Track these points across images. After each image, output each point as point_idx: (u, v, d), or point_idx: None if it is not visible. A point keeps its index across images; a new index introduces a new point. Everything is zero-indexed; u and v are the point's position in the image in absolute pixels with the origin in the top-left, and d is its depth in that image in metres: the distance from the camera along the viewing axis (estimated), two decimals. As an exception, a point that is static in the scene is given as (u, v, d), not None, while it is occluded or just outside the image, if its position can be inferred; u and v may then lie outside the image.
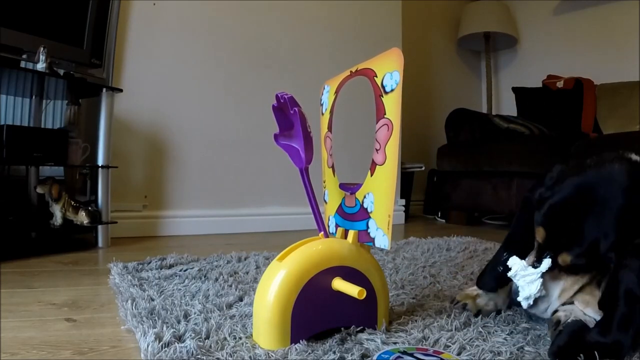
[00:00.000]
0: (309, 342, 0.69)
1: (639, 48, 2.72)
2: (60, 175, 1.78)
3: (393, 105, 0.72)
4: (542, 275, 0.75)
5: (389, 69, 0.74)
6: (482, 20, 3.28)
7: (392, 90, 0.73)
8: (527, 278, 0.75)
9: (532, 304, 0.76)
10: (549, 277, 0.76)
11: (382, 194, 0.74)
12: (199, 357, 0.64)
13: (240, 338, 0.72)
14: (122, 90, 1.71)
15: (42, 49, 1.46)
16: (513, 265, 0.77)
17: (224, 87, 2.16)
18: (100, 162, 1.65)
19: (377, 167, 0.75)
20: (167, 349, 0.65)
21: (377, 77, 0.76)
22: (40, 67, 1.45)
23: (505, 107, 3.48)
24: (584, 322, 0.70)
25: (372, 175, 0.76)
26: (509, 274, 0.77)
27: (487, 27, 3.27)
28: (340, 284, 0.71)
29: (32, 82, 1.54)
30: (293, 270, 0.70)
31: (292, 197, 2.24)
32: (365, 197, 0.78)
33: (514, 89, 3.12)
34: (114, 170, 1.72)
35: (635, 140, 1.95)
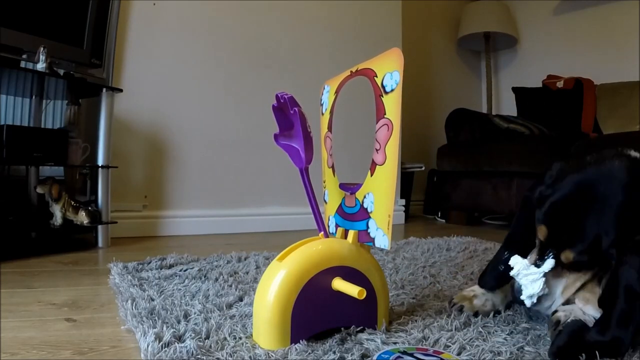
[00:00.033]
0: (309, 342, 0.69)
1: (639, 48, 2.72)
2: (60, 175, 1.78)
3: (393, 105, 0.72)
4: (544, 274, 0.75)
5: (389, 69, 0.74)
6: (482, 20, 3.28)
7: (392, 90, 0.73)
8: (529, 277, 0.75)
9: (535, 302, 0.76)
10: (552, 274, 0.76)
11: (382, 194, 0.74)
12: (199, 357, 0.64)
13: (240, 338, 0.72)
14: (122, 90, 1.71)
15: (42, 49, 1.46)
16: (515, 265, 0.77)
17: (224, 87, 2.16)
18: (100, 162, 1.65)
19: (377, 167, 0.75)
20: (167, 349, 0.65)
21: (377, 77, 0.76)
22: (40, 67, 1.45)
23: (505, 107, 3.48)
24: (584, 321, 0.70)
25: (372, 175, 0.76)
26: (512, 273, 0.77)
27: (487, 27, 3.27)
28: (340, 284, 0.71)
29: (32, 82, 1.54)
30: (293, 270, 0.70)
31: (292, 197, 2.24)
32: (365, 197, 0.78)
33: (514, 89, 3.12)
34: (114, 170, 1.72)
35: (635, 140, 1.95)
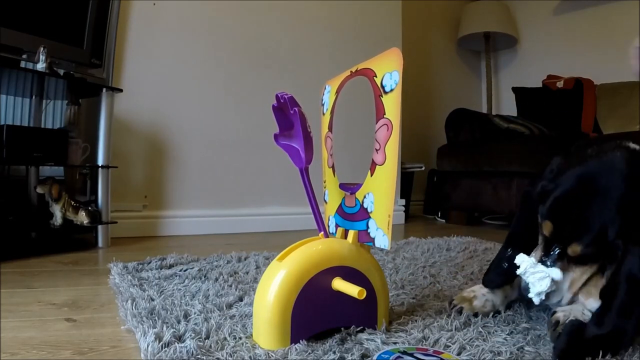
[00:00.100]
0: (309, 342, 0.69)
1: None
2: (60, 175, 1.78)
3: (393, 105, 0.72)
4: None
5: (389, 69, 0.74)
6: (482, 20, 3.28)
7: (391, 90, 0.73)
8: (537, 275, 0.75)
9: (544, 299, 0.76)
10: (558, 269, 0.76)
11: (382, 194, 0.74)
12: (199, 357, 0.64)
13: (240, 338, 0.72)
14: (122, 90, 1.71)
15: (42, 49, 1.46)
16: (522, 263, 0.77)
17: (224, 87, 2.16)
18: (100, 162, 1.65)
19: (377, 167, 0.75)
20: (167, 349, 0.65)
21: (376, 77, 0.76)
22: (40, 67, 1.45)
23: (505, 107, 3.48)
24: (582, 321, 0.70)
25: (372, 175, 0.76)
26: (518, 272, 0.77)
27: (487, 27, 3.26)
28: (340, 284, 0.71)
29: (32, 82, 1.54)
30: (293, 270, 0.70)
31: (292, 197, 2.24)
32: (365, 197, 0.78)
33: (514, 89, 3.12)
34: (114, 170, 1.72)
35: (635, 140, 1.95)
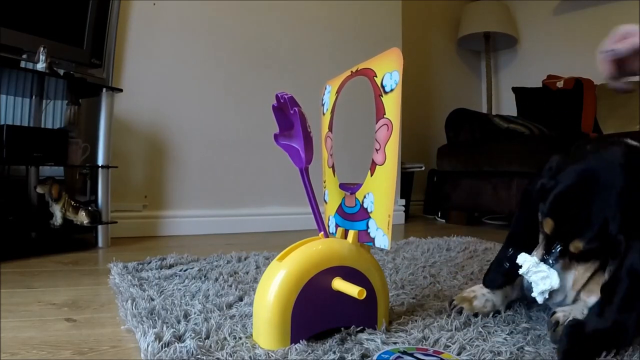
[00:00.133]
0: (309, 342, 0.69)
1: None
2: (60, 175, 1.78)
3: (393, 105, 0.72)
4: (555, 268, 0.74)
5: (389, 69, 0.74)
6: (482, 20, 3.28)
7: (391, 90, 0.73)
8: (539, 274, 0.75)
9: (547, 297, 0.76)
10: (561, 267, 0.76)
11: (382, 194, 0.74)
12: (199, 357, 0.64)
13: (240, 338, 0.72)
14: (122, 90, 1.71)
15: (42, 49, 1.46)
16: (524, 263, 0.76)
17: (224, 87, 2.16)
18: (100, 162, 1.65)
19: (377, 167, 0.75)
20: (167, 349, 0.65)
21: (376, 77, 0.76)
22: (40, 67, 1.45)
23: (505, 107, 3.48)
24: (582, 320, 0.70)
25: (372, 175, 0.76)
26: (521, 272, 0.77)
27: (487, 27, 3.26)
28: (340, 284, 0.71)
29: (32, 82, 1.54)
30: (293, 270, 0.70)
31: (292, 197, 2.24)
32: (365, 197, 0.78)
33: (514, 89, 3.12)
34: (114, 170, 1.72)
35: (634, 139, 1.95)
